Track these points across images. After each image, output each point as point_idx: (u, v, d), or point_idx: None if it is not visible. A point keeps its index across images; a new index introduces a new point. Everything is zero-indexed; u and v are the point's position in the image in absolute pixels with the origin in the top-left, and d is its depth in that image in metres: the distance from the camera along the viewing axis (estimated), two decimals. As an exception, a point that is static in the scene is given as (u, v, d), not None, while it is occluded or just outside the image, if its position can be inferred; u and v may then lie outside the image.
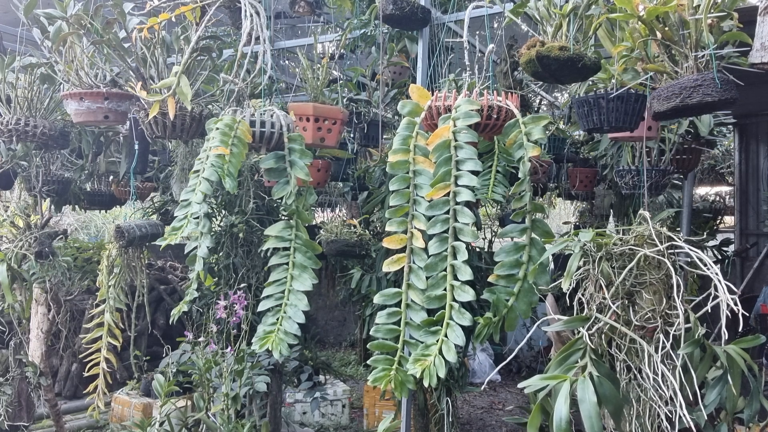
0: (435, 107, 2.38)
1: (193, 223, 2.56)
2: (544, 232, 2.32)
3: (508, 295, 2.34)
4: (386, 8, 3.12)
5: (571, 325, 2.00)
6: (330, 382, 5.41)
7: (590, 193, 5.01)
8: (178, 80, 2.56)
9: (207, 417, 3.13)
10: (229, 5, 3.32)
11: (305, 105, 2.95)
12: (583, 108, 2.50)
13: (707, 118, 3.47)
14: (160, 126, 2.71)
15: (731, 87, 1.94)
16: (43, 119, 3.26)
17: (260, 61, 2.77)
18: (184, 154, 3.63)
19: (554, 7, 2.31)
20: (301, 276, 2.69)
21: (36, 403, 4.01)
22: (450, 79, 3.02)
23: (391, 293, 2.47)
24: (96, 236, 9.85)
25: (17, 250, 3.59)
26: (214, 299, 3.36)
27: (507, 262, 2.35)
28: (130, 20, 2.85)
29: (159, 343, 5.23)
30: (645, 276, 1.98)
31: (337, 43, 3.90)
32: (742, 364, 1.97)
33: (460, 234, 2.31)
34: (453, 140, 2.28)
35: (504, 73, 3.56)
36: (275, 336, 2.62)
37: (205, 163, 2.50)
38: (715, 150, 6.14)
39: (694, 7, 1.94)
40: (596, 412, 1.75)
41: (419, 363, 2.30)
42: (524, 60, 2.29)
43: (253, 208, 3.35)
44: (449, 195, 2.30)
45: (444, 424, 3.42)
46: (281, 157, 2.67)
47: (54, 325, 3.89)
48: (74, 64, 2.92)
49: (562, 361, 1.93)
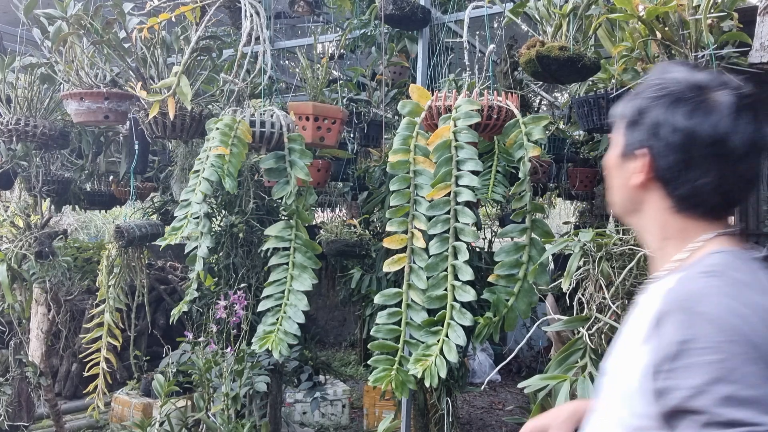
0: (435, 107, 2.38)
1: (193, 223, 2.56)
2: (544, 232, 2.32)
3: (508, 295, 2.34)
4: (386, 8, 3.12)
5: (571, 325, 2.00)
6: (330, 382, 5.41)
7: (590, 193, 5.02)
8: (178, 80, 2.56)
9: (207, 417, 3.13)
10: (229, 5, 3.32)
11: (305, 104, 2.95)
12: (583, 108, 2.50)
13: (707, 118, 3.47)
14: (160, 126, 2.71)
15: (731, 87, 1.94)
16: (43, 119, 3.26)
17: (260, 61, 2.77)
18: (184, 154, 3.63)
19: (554, 7, 2.31)
20: (301, 276, 2.69)
21: (36, 403, 4.01)
22: (450, 79, 3.02)
23: (392, 293, 2.47)
24: (96, 236, 9.84)
25: (17, 250, 3.59)
26: (214, 299, 3.36)
27: (507, 262, 2.35)
28: (130, 20, 2.85)
29: (159, 343, 5.22)
30: (645, 276, 1.98)
31: (337, 43, 3.90)
32: (742, 364, 1.97)
33: (461, 234, 2.31)
34: (453, 140, 2.28)
35: (504, 73, 3.56)
36: (275, 336, 2.62)
37: (205, 163, 2.50)
38: (715, 150, 6.13)
39: (694, 7, 1.94)
40: (596, 412, 1.75)
41: (420, 363, 2.30)
42: (524, 60, 2.29)
43: (253, 208, 3.35)
44: (450, 195, 2.30)
45: (444, 424, 3.42)
46: (281, 157, 2.67)
47: (54, 325, 3.89)
48: (74, 64, 2.92)
49: (562, 361, 1.94)
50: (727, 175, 0.93)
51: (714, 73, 0.97)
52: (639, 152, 0.98)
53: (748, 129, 0.91)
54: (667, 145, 0.94)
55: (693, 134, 0.92)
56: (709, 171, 0.92)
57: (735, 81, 0.95)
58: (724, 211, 0.97)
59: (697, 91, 0.93)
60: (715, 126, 0.91)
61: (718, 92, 0.93)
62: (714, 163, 0.92)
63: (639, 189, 0.99)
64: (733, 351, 0.78)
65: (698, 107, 0.92)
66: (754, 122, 0.92)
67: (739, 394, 0.75)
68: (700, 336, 0.80)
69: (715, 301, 0.83)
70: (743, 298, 0.84)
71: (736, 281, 0.87)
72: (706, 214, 0.96)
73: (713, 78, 0.95)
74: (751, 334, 0.79)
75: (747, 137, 0.91)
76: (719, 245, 0.94)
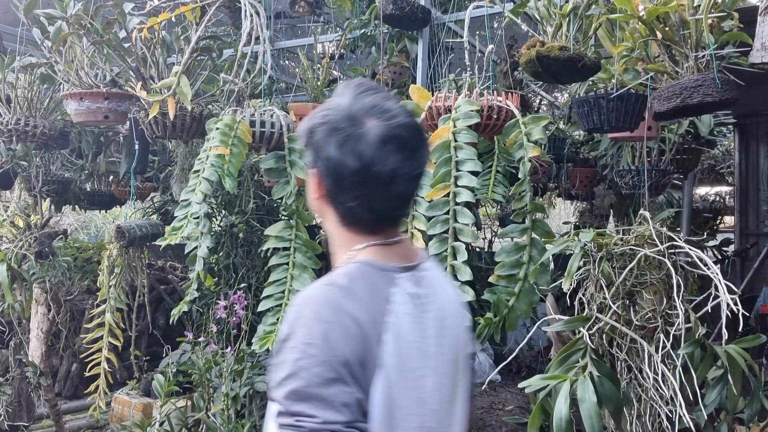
0: (435, 107, 2.38)
1: (193, 223, 2.56)
2: (544, 232, 2.32)
3: (508, 295, 2.34)
4: (386, 8, 3.12)
5: (572, 325, 2.00)
6: (330, 382, 5.39)
7: (590, 193, 5.01)
8: (178, 80, 2.56)
9: (207, 417, 3.13)
10: (229, 5, 3.32)
11: (304, 105, 2.95)
12: (583, 108, 2.49)
13: (707, 118, 3.47)
14: (160, 126, 2.71)
15: (731, 87, 1.94)
16: (43, 119, 3.26)
17: (260, 61, 2.77)
18: (184, 154, 3.63)
19: (554, 7, 2.31)
20: (301, 276, 2.69)
21: (36, 403, 4.01)
22: (450, 79, 3.02)
23: (392, 293, 2.46)
24: (96, 236, 9.84)
25: (17, 250, 3.59)
26: (214, 299, 3.36)
27: (507, 262, 2.35)
28: (130, 20, 2.85)
29: (159, 343, 5.22)
30: (645, 276, 1.98)
31: (337, 43, 3.90)
32: (743, 364, 1.97)
33: (460, 234, 2.31)
34: (453, 141, 2.28)
35: (504, 73, 3.56)
36: (275, 336, 2.62)
37: (205, 163, 2.50)
38: (715, 150, 6.13)
39: (694, 7, 1.94)
40: (596, 412, 1.75)
41: (419, 363, 2.30)
42: (524, 60, 2.28)
43: (253, 208, 3.35)
44: (449, 195, 2.30)
45: (444, 424, 3.41)
46: (281, 157, 2.67)
47: (54, 325, 3.89)
48: (74, 64, 2.92)
49: (562, 361, 1.93)
50: (375, 199, 1.02)
51: (380, 99, 1.05)
52: (311, 171, 1.08)
53: (392, 159, 0.99)
54: (325, 170, 1.03)
55: (341, 163, 1.00)
56: (358, 196, 1.02)
57: (394, 109, 1.03)
58: (380, 227, 1.07)
59: (350, 122, 1.01)
60: (360, 156, 0.99)
61: (370, 123, 1.00)
62: (361, 188, 1.01)
63: (318, 201, 1.09)
64: (308, 352, 0.90)
65: (348, 138, 1.00)
66: (399, 152, 1.00)
67: (303, 390, 0.88)
68: (293, 336, 0.93)
69: (314, 307, 0.95)
70: (338, 306, 0.95)
71: (345, 290, 0.98)
72: (363, 229, 1.06)
73: (374, 106, 1.03)
74: (330, 340, 0.91)
75: (390, 166, 0.99)
76: (363, 255, 1.05)
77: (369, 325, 0.95)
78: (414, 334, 1.00)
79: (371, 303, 0.98)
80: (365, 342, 0.93)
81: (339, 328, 0.92)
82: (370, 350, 0.93)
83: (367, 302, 0.97)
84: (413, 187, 1.06)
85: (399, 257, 1.07)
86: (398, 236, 1.09)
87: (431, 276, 1.11)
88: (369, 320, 0.95)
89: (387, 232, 1.07)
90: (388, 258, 1.05)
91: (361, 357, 0.92)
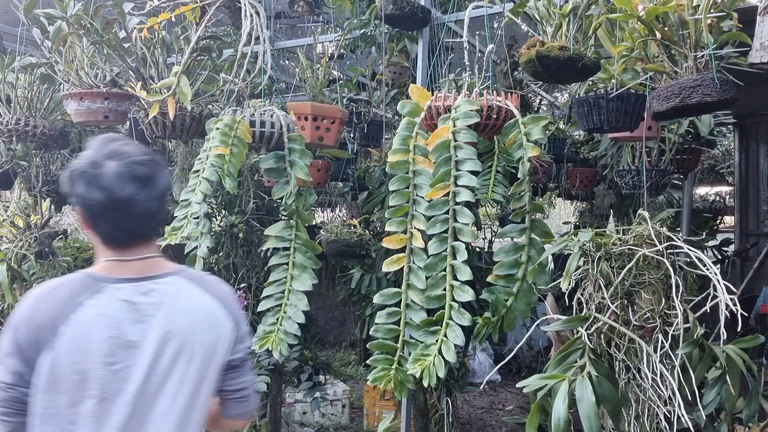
0: (435, 107, 2.38)
1: (193, 223, 2.56)
2: (543, 232, 2.32)
3: (507, 295, 2.34)
4: (386, 8, 3.12)
5: (570, 325, 2.00)
6: (330, 382, 5.40)
7: (590, 193, 5.01)
8: (178, 80, 2.56)
9: (207, 417, 3.12)
10: (229, 5, 3.32)
11: (303, 104, 2.95)
12: (583, 108, 2.50)
13: (707, 118, 3.47)
14: (160, 126, 2.71)
15: (731, 87, 1.94)
16: (43, 119, 3.26)
17: (260, 61, 2.77)
18: (184, 154, 3.62)
19: (554, 7, 2.31)
20: (301, 276, 2.69)
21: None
22: (450, 79, 3.02)
23: (391, 293, 2.47)
24: (96, 236, 9.82)
25: (17, 250, 3.59)
26: (214, 299, 3.36)
27: (506, 262, 2.35)
28: (130, 20, 2.85)
29: (159, 342, 5.22)
30: (644, 276, 1.98)
31: (336, 43, 3.90)
32: (742, 365, 1.97)
33: (460, 234, 2.31)
34: (453, 140, 2.28)
35: (504, 73, 3.56)
36: (275, 336, 2.62)
37: (205, 163, 2.50)
38: (715, 150, 6.13)
39: (693, 7, 1.94)
40: (595, 412, 1.76)
41: (419, 363, 2.30)
42: (524, 60, 2.29)
43: (253, 208, 3.35)
44: (449, 195, 2.30)
45: (444, 424, 3.42)
46: (281, 157, 2.67)
47: (54, 325, 3.89)
48: (74, 64, 2.92)
49: (561, 361, 1.94)
50: (121, 219, 1.35)
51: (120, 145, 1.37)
52: (75, 208, 1.41)
53: (129, 187, 1.33)
54: (81, 205, 1.36)
55: (89, 197, 1.33)
56: (108, 221, 1.36)
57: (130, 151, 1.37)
58: (130, 242, 1.39)
59: (92, 166, 1.34)
60: (101, 188, 1.32)
61: (109, 164, 1.33)
62: (109, 213, 1.34)
63: (87, 232, 1.41)
64: (7, 333, 1.31)
65: (92, 178, 1.33)
66: (135, 181, 1.34)
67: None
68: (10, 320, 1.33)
69: (25, 300, 1.34)
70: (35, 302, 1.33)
71: (49, 291, 1.35)
72: (117, 246, 1.38)
73: (112, 151, 1.36)
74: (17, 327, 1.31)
75: (127, 192, 1.33)
76: (92, 268, 1.39)
77: (50, 319, 1.29)
78: (106, 329, 1.30)
79: (63, 302, 1.30)
80: (41, 330, 1.28)
81: (26, 319, 1.30)
82: (45, 337, 1.27)
83: (59, 301, 1.31)
84: (154, 207, 1.38)
85: (130, 271, 1.37)
86: (145, 254, 1.40)
87: (166, 289, 1.39)
88: (52, 315, 1.29)
89: (135, 249, 1.39)
90: (115, 272, 1.37)
91: (34, 341, 1.28)
